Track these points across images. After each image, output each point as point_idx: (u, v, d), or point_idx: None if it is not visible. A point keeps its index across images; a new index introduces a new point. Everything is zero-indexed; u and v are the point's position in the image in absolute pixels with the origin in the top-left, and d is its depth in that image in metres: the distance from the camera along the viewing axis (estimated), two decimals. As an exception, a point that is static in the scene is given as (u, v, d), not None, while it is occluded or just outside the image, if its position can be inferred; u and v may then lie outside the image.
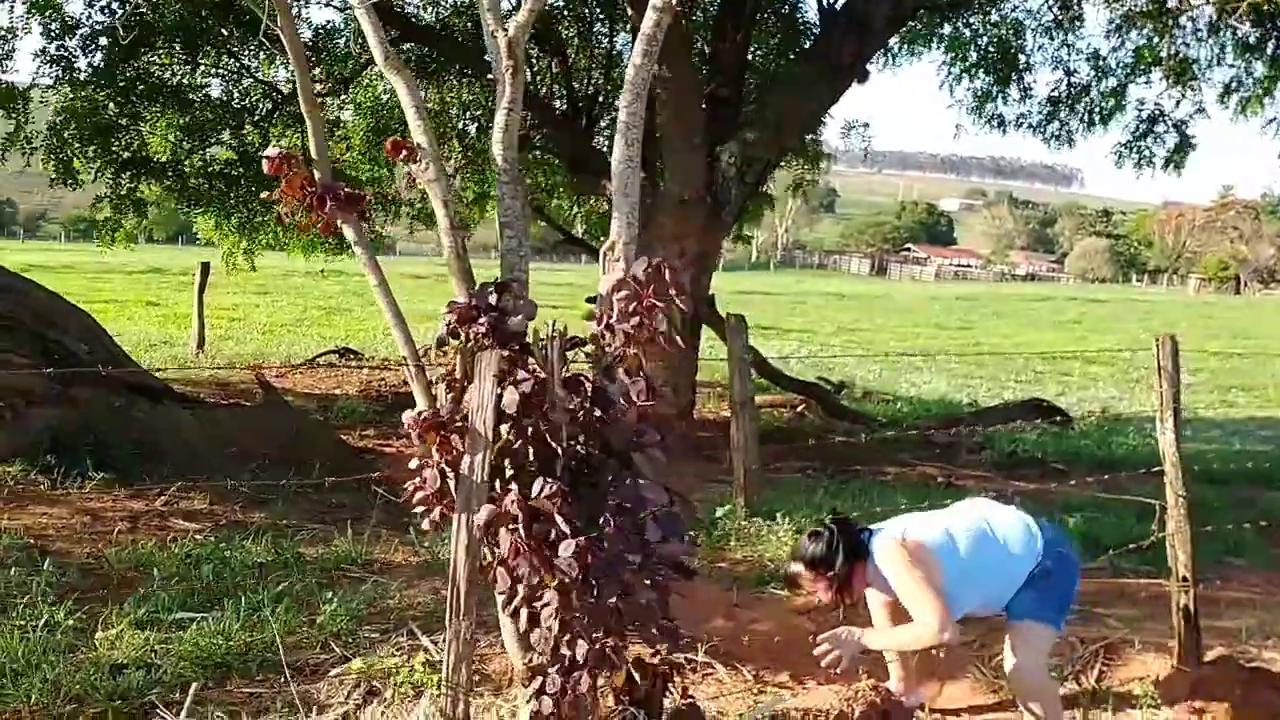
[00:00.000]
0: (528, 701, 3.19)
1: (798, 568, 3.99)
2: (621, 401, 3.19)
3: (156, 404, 7.69)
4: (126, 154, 10.37)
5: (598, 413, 3.20)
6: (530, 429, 3.16)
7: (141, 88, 9.94)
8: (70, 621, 4.53)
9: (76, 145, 10.05)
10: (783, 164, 12.51)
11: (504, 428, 3.21)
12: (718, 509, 6.73)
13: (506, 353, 3.20)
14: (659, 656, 3.28)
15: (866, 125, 13.33)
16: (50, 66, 9.69)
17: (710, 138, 9.52)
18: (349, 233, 3.39)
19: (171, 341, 15.49)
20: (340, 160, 11.89)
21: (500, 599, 3.26)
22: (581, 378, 3.28)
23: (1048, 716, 3.88)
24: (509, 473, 3.21)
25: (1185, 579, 4.76)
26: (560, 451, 3.18)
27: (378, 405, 10.97)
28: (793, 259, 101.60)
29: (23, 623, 4.45)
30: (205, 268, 14.65)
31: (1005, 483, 9.00)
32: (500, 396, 3.08)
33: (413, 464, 3.19)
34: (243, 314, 22.47)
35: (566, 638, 3.09)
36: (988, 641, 4.88)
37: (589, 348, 3.36)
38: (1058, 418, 12.19)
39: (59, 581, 5.07)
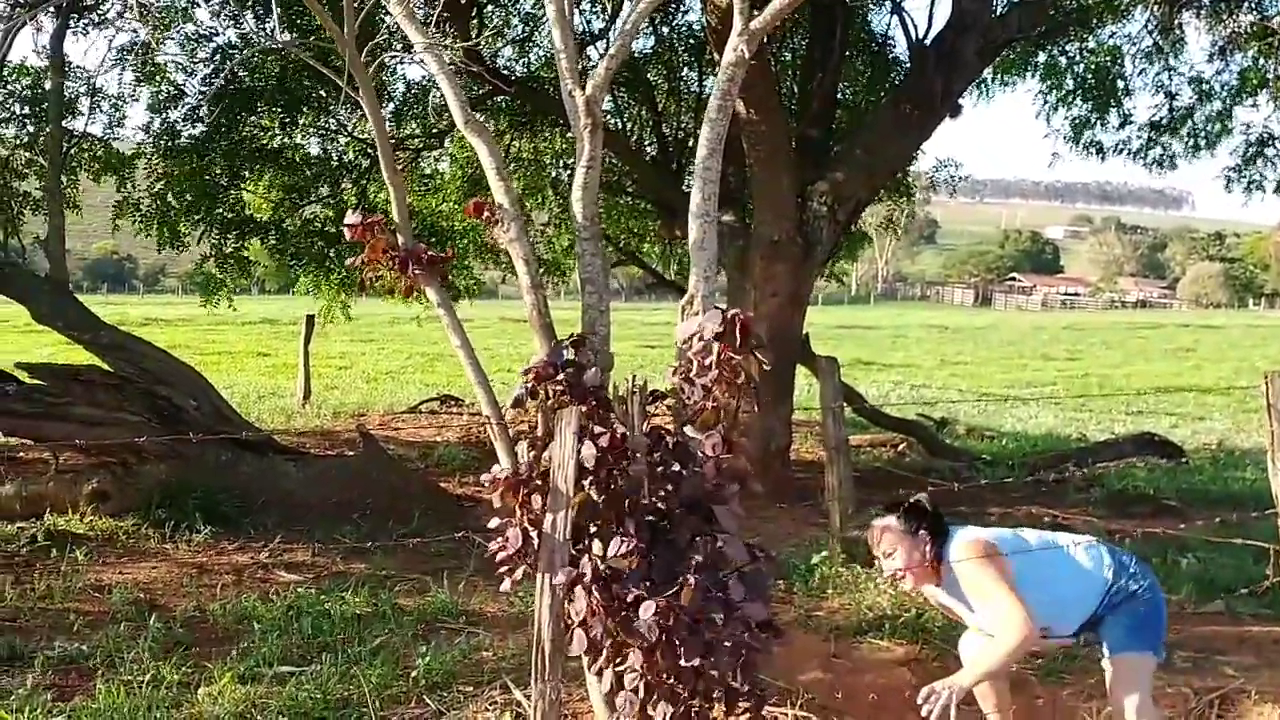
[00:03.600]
0: (614, 763, 3.17)
1: (888, 519, 3.91)
2: (701, 455, 3.17)
3: (262, 457, 7.89)
4: (229, 215, 10.73)
5: (676, 467, 3.18)
6: (609, 485, 3.15)
7: (244, 151, 10.30)
8: (176, 676, 4.64)
9: (181, 209, 10.43)
10: (876, 199, 12.40)
11: (586, 483, 3.21)
12: (814, 555, 6.64)
13: (585, 407, 3.21)
14: (745, 717, 3.22)
15: (959, 165, 13.15)
16: (157, 138, 10.10)
17: (800, 178, 9.48)
18: (431, 295, 3.45)
19: (279, 393, 15.90)
20: (436, 212, 12.13)
21: (585, 659, 3.24)
22: (662, 430, 3.27)
23: None
24: (592, 529, 3.20)
25: (1306, 626, 4.53)
26: (640, 507, 3.16)
27: (478, 451, 11.09)
28: (894, 291, 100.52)
29: (129, 678, 4.58)
30: (310, 320, 15.04)
31: (1115, 521, 8.68)
32: (580, 452, 3.08)
33: (493, 523, 3.20)
34: (349, 362, 23.00)
35: (652, 698, 3.06)
36: (1096, 693, 4.70)
37: (669, 401, 3.35)
38: (1170, 453, 11.76)
39: (165, 635, 5.21)
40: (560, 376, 3.25)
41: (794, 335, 9.68)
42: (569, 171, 12.44)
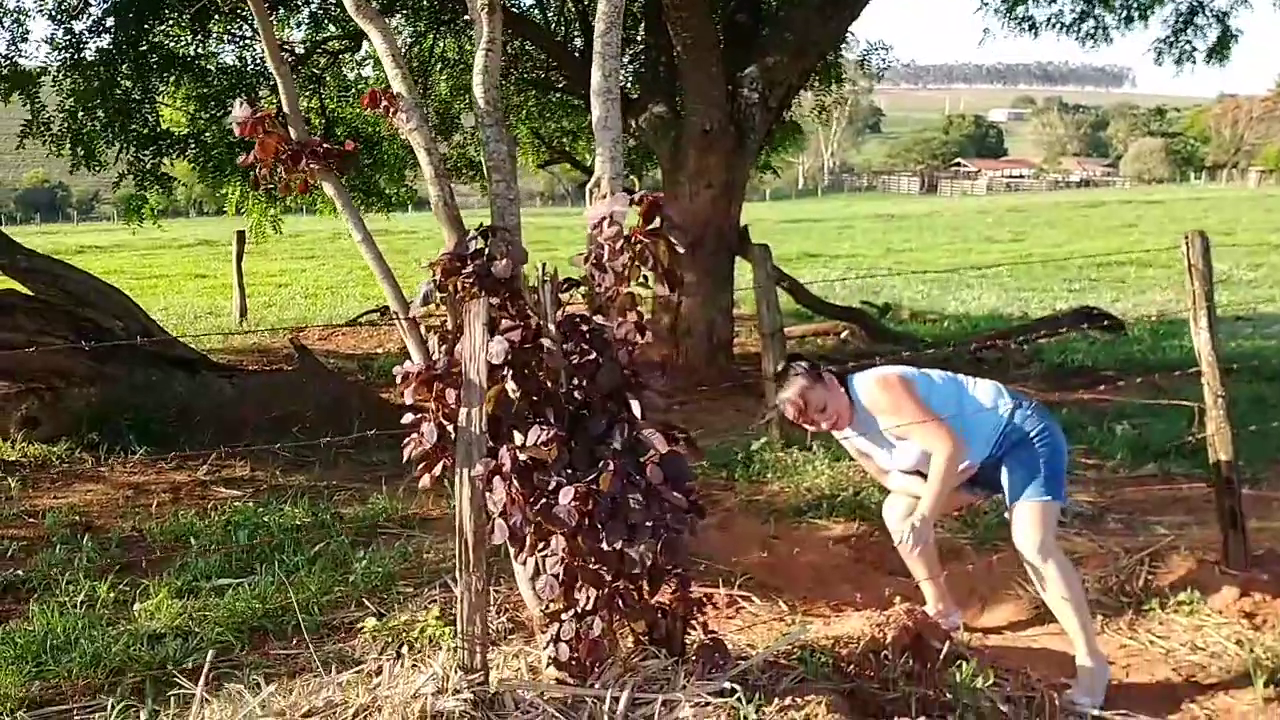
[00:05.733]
0: (545, 648, 3.18)
1: (798, 384, 4.01)
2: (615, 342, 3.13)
3: (194, 375, 7.76)
4: (145, 130, 10.37)
5: (593, 356, 3.14)
6: (526, 376, 3.10)
7: (154, 60, 9.90)
8: (111, 595, 4.60)
9: (95, 126, 10.06)
10: (809, 86, 12.24)
11: (505, 375, 3.17)
12: (753, 442, 6.67)
13: (495, 299, 3.15)
14: (673, 597, 3.23)
15: (889, 49, 12.97)
16: (61, 52, 9.70)
17: (730, 65, 9.32)
18: (329, 188, 3.34)
19: (216, 312, 15.64)
20: (360, 117, 11.80)
21: (511, 549, 3.23)
22: (577, 319, 3.22)
23: (1068, 592, 3.80)
24: (510, 421, 3.17)
25: (1229, 480, 4.62)
26: (557, 396, 3.12)
27: (419, 361, 10.98)
28: (841, 183, 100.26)
29: (65, 599, 4.53)
30: (241, 236, 14.74)
31: (1054, 393, 8.81)
32: (490, 345, 3.03)
33: (406, 419, 3.16)
34: (289, 280, 22.65)
35: (579, 584, 3.06)
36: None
37: (583, 289, 3.29)
38: (1110, 325, 11.91)
39: (101, 556, 5.15)
40: (469, 269, 3.17)
41: (730, 226, 9.62)
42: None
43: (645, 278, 3.21)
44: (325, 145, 3.23)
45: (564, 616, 3.11)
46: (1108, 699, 3.74)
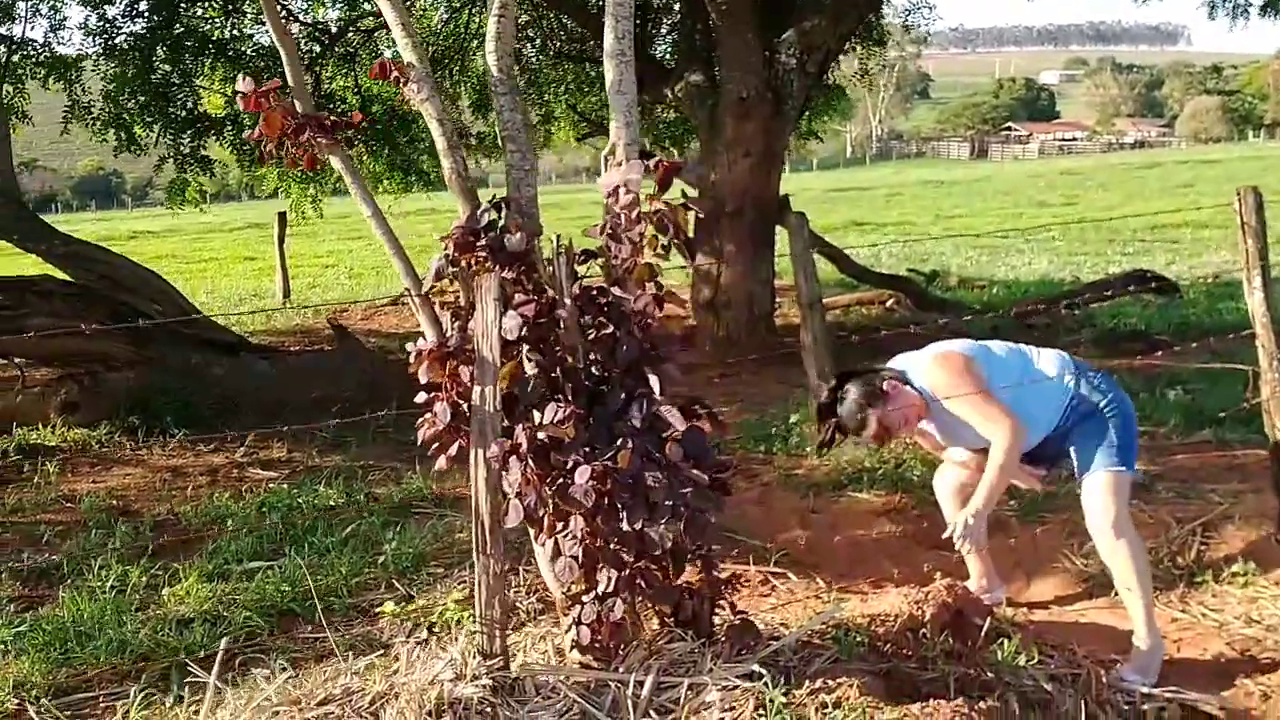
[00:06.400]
0: (567, 631, 3.09)
1: (865, 414, 3.70)
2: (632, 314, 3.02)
3: (234, 357, 7.77)
4: (184, 113, 10.37)
5: (610, 330, 3.03)
6: (541, 352, 3.00)
7: (190, 43, 9.89)
8: (143, 579, 4.58)
9: (134, 111, 10.08)
10: (849, 50, 11.97)
11: (523, 351, 3.07)
12: (793, 415, 6.54)
13: (510, 274, 3.05)
14: (699, 577, 3.13)
15: (933, 7, 12.66)
16: (96, 38, 9.72)
17: (766, 31, 9.12)
18: (335, 163, 3.25)
19: (260, 294, 15.73)
20: (396, 95, 11.72)
21: (531, 532, 3.15)
22: (594, 292, 3.11)
23: (1136, 571, 3.62)
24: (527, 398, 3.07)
25: (1287, 447, 4.43)
26: (575, 373, 3.02)
27: (460, 338, 10.94)
28: (889, 150, 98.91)
29: (97, 584, 4.52)
30: (282, 218, 14.77)
31: (1106, 360, 8.56)
32: (503, 320, 2.93)
33: (420, 398, 3.07)
34: (335, 260, 22.75)
35: (599, 566, 2.97)
36: (1076, 530, 4.62)
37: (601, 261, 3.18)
38: (1164, 288, 11.59)
39: (134, 539, 5.15)
40: (483, 243, 3.07)
41: (770, 195, 9.45)
42: (530, 43, 12.05)
43: (664, 247, 3.09)
44: (332, 119, 3.14)
45: (585, 599, 3.02)
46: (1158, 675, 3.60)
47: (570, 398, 2.99)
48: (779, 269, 9.94)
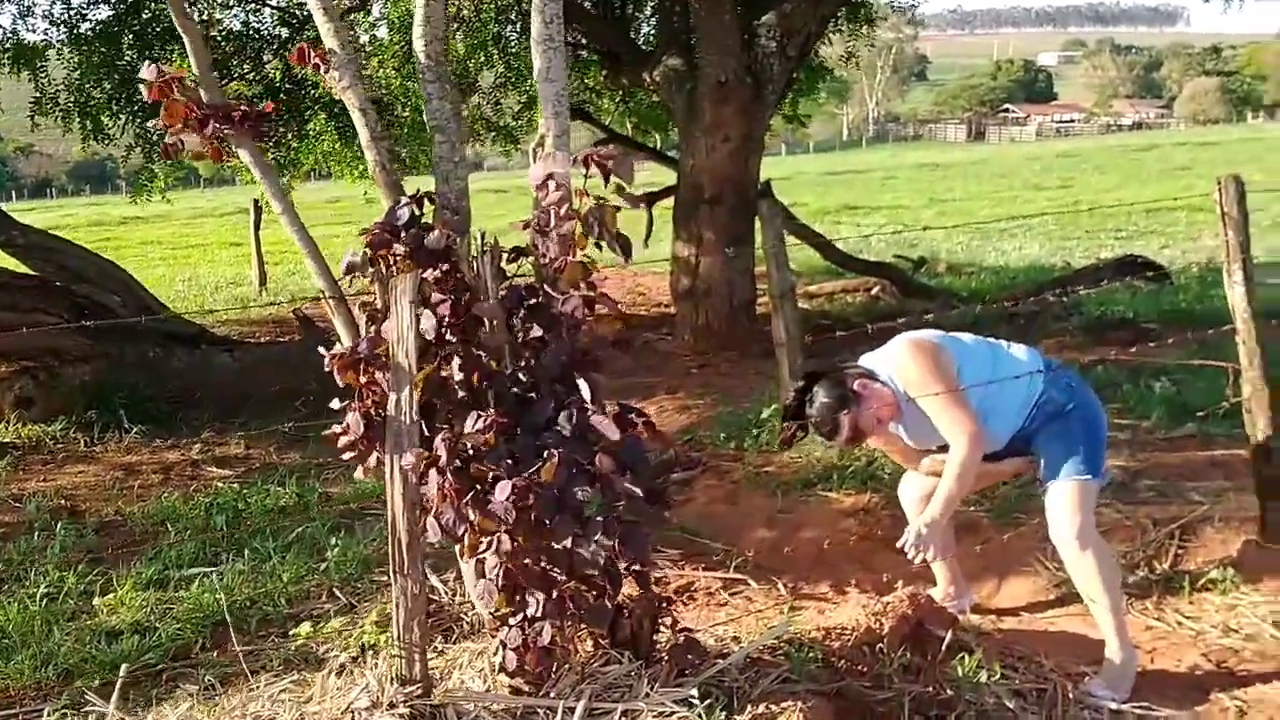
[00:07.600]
0: (494, 654, 2.91)
1: (835, 417, 3.49)
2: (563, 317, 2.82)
3: (194, 350, 7.57)
4: (151, 102, 10.09)
5: (537, 332, 2.84)
6: (461, 357, 2.81)
7: (156, 30, 9.64)
8: (79, 586, 4.40)
9: (101, 99, 9.84)
10: (833, 32, 11.72)
11: (447, 356, 2.88)
12: (764, 410, 6.35)
13: (433, 273, 2.85)
14: (636, 595, 2.95)
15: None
16: (62, 26, 9.48)
17: (746, 14, 8.89)
18: (244, 156, 3.06)
19: (239, 282, 15.51)
20: (374, 79, 11.46)
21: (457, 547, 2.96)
22: (522, 292, 2.92)
23: (1104, 583, 3.43)
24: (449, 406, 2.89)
25: (1267, 448, 4.25)
26: (498, 378, 2.83)
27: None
28: (886, 133, 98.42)
29: (33, 591, 4.33)
30: (257, 205, 14.54)
31: (1092, 349, 8.36)
32: (419, 323, 2.74)
33: (334, 404, 2.88)
34: (320, 246, 22.45)
35: (519, 585, 2.78)
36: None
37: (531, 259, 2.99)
38: (1155, 274, 11.37)
39: (77, 543, 4.97)
40: (402, 240, 2.88)
41: (750, 181, 9.22)
42: (512, 26, 11.79)
43: (597, 245, 2.90)
44: (242, 110, 2.94)
45: (511, 621, 2.84)
46: (1129, 687, 3.42)
47: (495, 404, 2.81)
48: (759, 257, 9.73)
